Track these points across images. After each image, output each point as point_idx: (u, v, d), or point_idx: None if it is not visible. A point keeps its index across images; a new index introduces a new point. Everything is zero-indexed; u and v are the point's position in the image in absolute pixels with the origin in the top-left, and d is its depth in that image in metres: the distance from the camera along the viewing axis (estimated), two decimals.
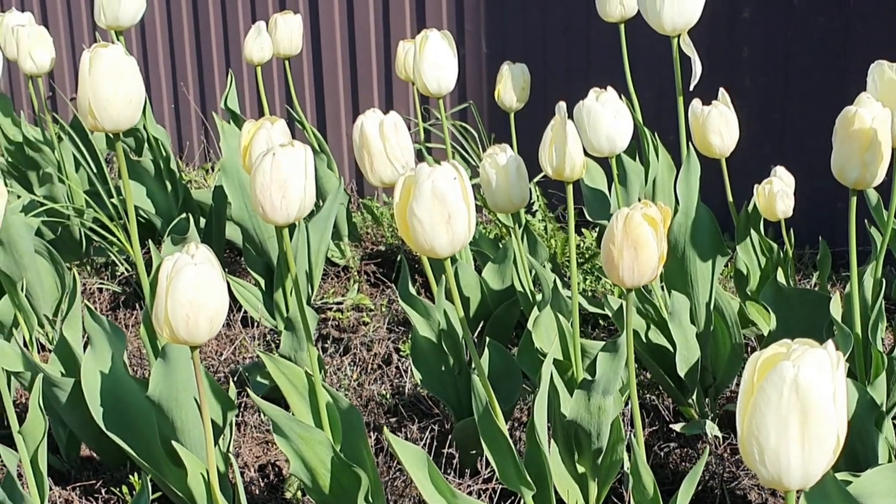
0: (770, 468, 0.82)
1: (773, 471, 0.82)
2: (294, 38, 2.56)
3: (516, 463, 1.47)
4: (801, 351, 0.81)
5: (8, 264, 2.13)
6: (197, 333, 1.21)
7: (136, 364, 2.28)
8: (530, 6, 3.04)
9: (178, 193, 2.66)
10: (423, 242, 1.29)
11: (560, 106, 1.62)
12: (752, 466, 0.84)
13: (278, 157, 1.35)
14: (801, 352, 0.81)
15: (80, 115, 1.44)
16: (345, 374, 2.24)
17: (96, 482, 1.84)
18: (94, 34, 4.05)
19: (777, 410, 0.80)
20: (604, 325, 2.39)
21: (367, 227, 3.07)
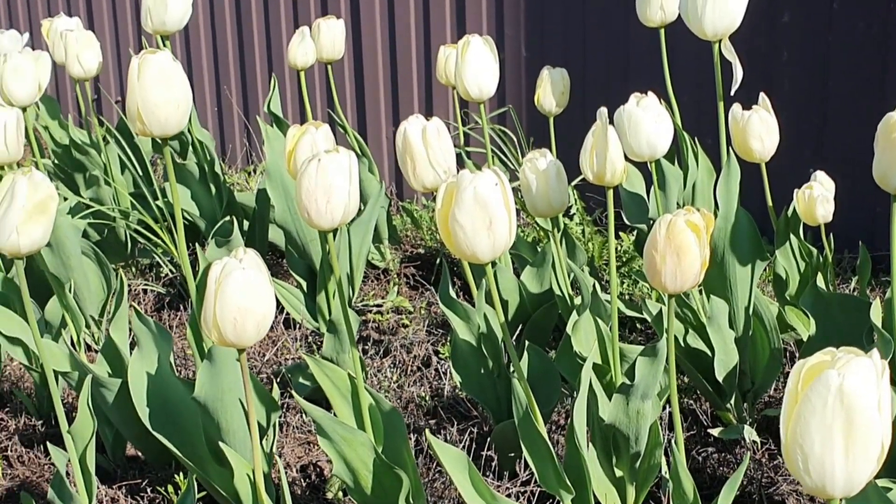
0: (814, 476, 0.83)
1: (816, 479, 0.83)
2: (337, 43, 2.59)
3: (556, 466, 1.48)
4: (846, 359, 0.81)
5: (56, 265, 2.17)
6: (244, 336, 1.23)
7: (181, 365, 2.31)
8: (570, 10, 3.05)
9: (221, 196, 2.69)
10: (464, 248, 1.30)
11: (601, 111, 1.63)
12: (796, 474, 0.84)
13: (324, 162, 1.37)
14: (846, 360, 0.81)
15: (129, 120, 1.46)
16: (385, 375, 2.26)
17: (142, 481, 1.87)
18: (139, 38, 4.11)
19: (822, 419, 0.81)
20: (641, 328, 2.40)
21: (407, 230, 3.09)
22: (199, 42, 3.89)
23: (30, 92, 2.21)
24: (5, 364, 2.30)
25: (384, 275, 2.83)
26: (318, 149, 1.68)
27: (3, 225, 1.32)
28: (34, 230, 1.33)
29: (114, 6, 4.15)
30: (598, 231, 2.90)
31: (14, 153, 1.88)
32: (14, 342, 1.94)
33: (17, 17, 4.49)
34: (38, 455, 1.98)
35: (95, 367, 1.77)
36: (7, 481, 1.92)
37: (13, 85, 2.19)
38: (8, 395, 2.22)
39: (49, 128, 2.86)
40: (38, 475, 1.93)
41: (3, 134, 1.86)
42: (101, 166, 2.78)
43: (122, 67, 4.22)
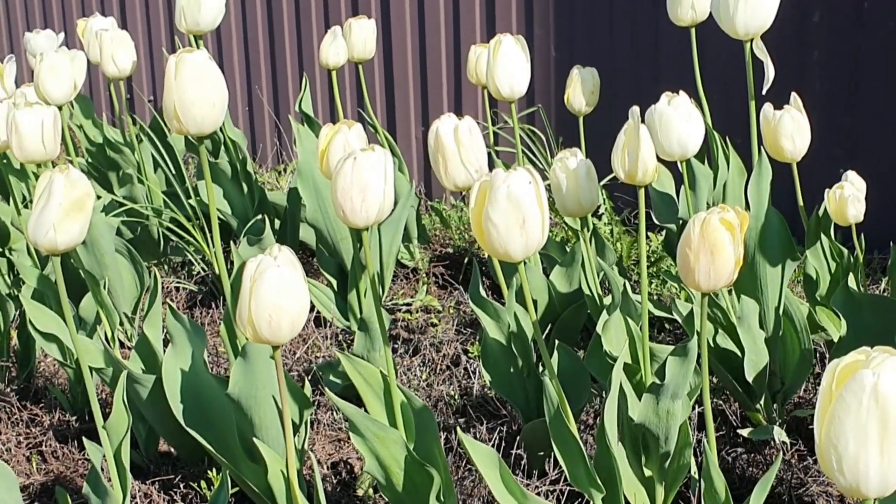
0: (848, 476, 0.83)
1: (850, 479, 0.83)
2: (368, 43, 2.60)
3: (587, 465, 1.49)
4: (880, 359, 0.81)
5: (90, 263, 2.19)
6: (279, 333, 1.24)
7: (212, 362, 2.33)
8: (599, 10, 3.05)
9: (253, 195, 2.71)
10: (497, 246, 1.31)
11: (634, 110, 1.63)
12: (830, 474, 0.85)
13: (359, 160, 1.38)
14: (880, 360, 0.81)
15: (166, 119, 1.47)
16: (414, 374, 2.27)
17: (174, 477, 1.88)
18: (171, 37, 4.14)
19: (856, 418, 0.81)
20: (669, 328, 2.39)
21: (436, 230, 3.10)
22: (231, 42, 3.92)
23: (65, 91, 2.24)
24: (39, 360, 2.33)
25: (413, 274, 2.84)
26: (350, 148, 1.69)
27: (40, 222, 1.34)
28: (71, 227, 1.35)
29: (146, 6, 4.19)
30: (626, 231, 2.90)
31: (51, 151, 1.90)
32: (49, 338, 1.97)
33: (52, 17, 4.54)
34: (73, 450, 2.00)
35: (129, 364, 1.79)
36: (42, 476, 1.95)
37: (49, 84, 2.21)
38: (42, 390, 2.25)
39: (83, 126, 2.89)
40: (73, 470, 1.95)
41: (41, 132, 1.88)
42: (135, 165, 2.81)
43: (155, 67, 4.25)
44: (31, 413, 2.14)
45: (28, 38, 2.83)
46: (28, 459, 2.00)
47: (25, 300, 1.91)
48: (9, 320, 2.23)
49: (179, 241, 2.78)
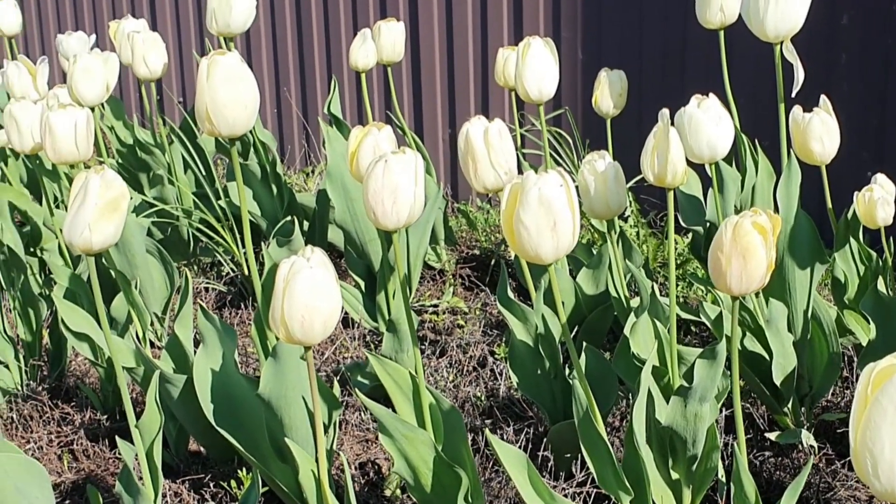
0: (884, 480, 0.83)
1: (886, 483, 0.83)
2: (397, 45, 2.61)
3: (615, 468, 1.49)
4: None
5: (121, 263, 2.21)
6: (311, 334, 1.26)
7: (241, 362, 2.35)
8: (627, 13, 3.05)
9: (283, 196, 2.72)
10: (528, 248, 1.31)
11: (663, 113, 1.63)
12: (864, 478, 0.84)
13: (390, 163, 1.39)
14: None
15: (198, 121, 1.49)
16: (441, 375, 2.28)
17: (204, 476, 1.90)
18: (200, 39, 4.17)
19: (892, 423, 0.81)
20: (695, 331, 2.39)
21: (462, 231, 3.10)
22: (260, 44, 3.94)
23: (98, 92, 2.26)
24: (70, 359, 2.35)
25: (440, 275, 2.85)
26: (380, 150, 1.70)
27: (75, 222, 1.36)
28: (106, 227, 1.37)
29: (176, 8, 4.22)
30: (652, 233, 2.90)
31: (84, 152, 1.92)
32: (81, 338, 1.99)
33: (83, 19, 4.57)
34: (103, 449, 2.02)
35: (160, 364, 1.80)
36: (73, 474, 1.97)
37: (82, 85, 2.23)
38: (73, 389, 2.27)
39: (114, 128, 2.91)
40: (103, 469, 1.97)
41: (74, 134, 1.90)
42: (165, 166, 2.83)
43: (185, 68, 4.28)
44: (63, 412, 2.16)
45: (60, 39, 2.85)
46: (59, 458, 2.02)
47: (58, 300, 1.93)
48: (41, 320, 2.25)
49: (209, 241, 2.80)
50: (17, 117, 2.05)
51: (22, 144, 2.08)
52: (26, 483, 1.58)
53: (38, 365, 2.28)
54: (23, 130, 2.06)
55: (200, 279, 2.79)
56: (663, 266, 2.75)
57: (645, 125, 2.86)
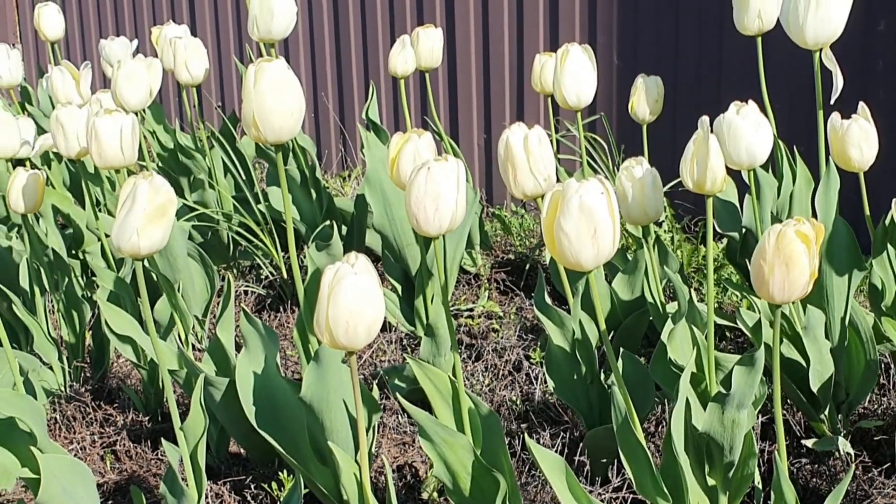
0: None
1: None
2: (435, 52, 2.62)
3: (653, 474, 1.50)
4: None
5: (164, 267, 2.24)
6: (355, 340, 1.27)
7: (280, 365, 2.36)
8: (662, 19, 3.05)
9: (322, 201, 2.74)
10: (568, 255, 1.33)
11: (703, 120, 1.63)
12: None
13: (433, 170, 1.40)
14: None
15: (245, 127, 1.51)
16: (477, 379, 2.29)
17: (245, 478, 1.92)
18: (239, 44, 4.20)
19: None
20: (730, 337, 2.39)
21: (497, 236, 3.12)
22: (298, 50, 3.97)
23: (142, 97, 2.29)
24: (112, 361, 2.38)
25: (475, 280, 2.86)
26: (420, 156, 1.72)
27: (124, 227, 1.38)
28: (154, 232, 1.39)
29: (216, 13, 4.25)
30: (686, 238, 2.90)
31: (129, 157, 1.95)
32: (124, 340, 2.01)
33: (124, 25, 4.62)
34: (145, 450, 2.05)
35: (202, 366, 1.83)
36: (115, 475, 1.99)
37: (126, 90, 2.26)
38: (116, 391, 2.30)
39: (156, 132, 2.95)
40: (146, 470, 2.00)
41: (119, 139, 1.93)
42: (206, 170, 2.85)
43: (223, 72, 4.32)
44: (106, 413, 2.18)
45: (103, 45, 2.89)
46: (102, 458, 2.05)
47: (102, 302, 1.95)
48: (84, 322, 2.28)
49: (248, 245, 2.83)
50: (64, 123, 2.08)
51: (68, 149, 2.11)
52: (72, 483, 1.61)
53: (81, 366, 2.32)
54: (69, 135, 2.09)
55: (240, 282, 2.82)
56: (697, 271, 2.75)
57: (679, 130, 2.86)
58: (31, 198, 2.04)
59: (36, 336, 2.22)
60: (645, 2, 3.08)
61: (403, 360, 2.40)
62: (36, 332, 2.22)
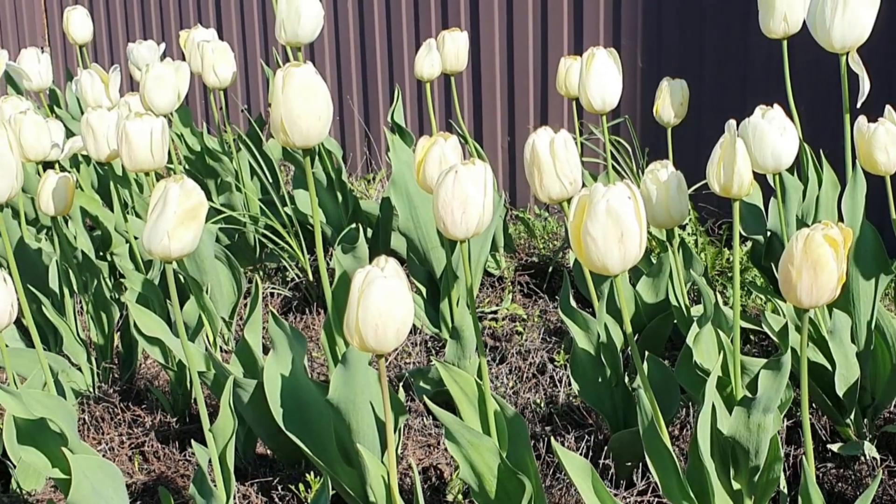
0: None
1: None
2: (460, 55, 2.63)
3: (679, 478, 1.50)
4: None
5: (191, 269, 2.25)
6: (385, 342, 1.28)
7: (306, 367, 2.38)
8: (687, 22, 3.05)
9: (347, 204, 2.76)
10: (595, 259, 1.33)
11: (730, 124, 1.63)
12: None
13: (460, 174, 1.41)
14: None
15: (273, 131, 1.52)
16: (501, 381, 2.29)
17: (272, 479, 1.93)
18: (265, 48, 4.22)
19: None
20: (755, 340, 2.39)
21: (521, 239, 3.12)
22: (324, 53, 3.98)
23: (170, 100, 2.31)
24: (140, 362, 2.40)
25: (499, 282, 2.87)
26: (446, 160, 1.72)
27: (155, 230, 1.40)
28: (185, 235, 1.40)
29: (242, 17, 4.28)
30: (710, 242, 2.89)
31: (159, 160, 1.97)
32: (152, 342, 2.03)
33: (151, 28, 4.65)
34: (173, 451, 2.06)
35: (230, 368, 1.84)
36: (144, 475, 2.01)
37: (154, 93, 2.28)
38: (144, 392, 2.32)
39: (183, 135, 2.97)
40: (173, 470, 2.01)
41: (149, 141, 1.95)
42: (233, 173, 2.87)
43: (249, 75, 4.34)
44: (134, 414, 2.20)
45: (131, 48, 2.91)
46: (130, 459, 2.06)
47: (131, 304, 1.97)
48: (113, 323, 2.30)
49: (274, 247, 2.84)
50: (94, 126, 2.10)
51: (98, 152, 2.13)
52: (102, 484, 1.62)
53: (110, 367, 2.34)
54: (99, 138, 2.11)
55: (266, 284, 2.83)
56: (721, 274, 2.74)
57: (704, 133, 2.85)
58: (62, 200, 2.06)
59: (65, 337, 2.24)
60: (669, 5, 3.08)
61: (428, 362, 2.41)
62: (65, 334, 2.24)
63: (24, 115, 2.22)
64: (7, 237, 1.67)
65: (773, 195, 2.15)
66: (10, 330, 2.26)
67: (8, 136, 1.55)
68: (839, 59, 1.90)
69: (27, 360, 2.08)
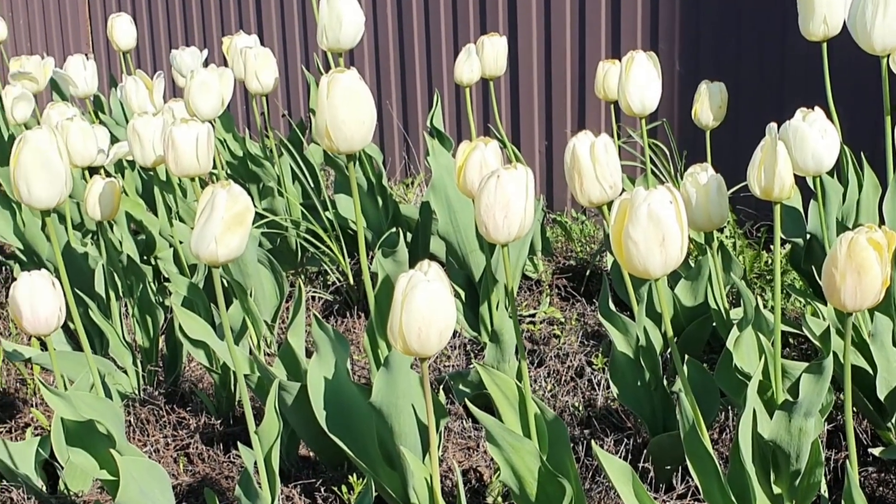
0: None
1: None
2: (499, 60, 2.64)
3: (721, 482, 1.50)
4: None
5: (235, 273, 2.28)
6: (428, 346, 1.30)
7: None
8: (724, 25, 3.04)
9: (388, 208, 2.78)
10: (636, 263, 1.34)
11: (771, 127, 1.63)
12: None
13: (503, 179, 1.43)
14: None
15: (317, 137, 1.54)
16: (539, 385, 2.30)
17: (315, 481, 1.95)
18: (305, 54, 4.25)
19: None
20: (794, 343, 2.38)
21: (558, 242, 3.13)
22: (363, 59, 4.01)
23: (214, 106, 2.33)
24: (184, 365, 2.43)
25: (536, 286, 2.87)
26: (487, 164, 1.74)
27: (202, 235, 1.42)
28: (231, 240, 1.42)
29: (283, 23, 4.31)
30: (749, 244, 2.89)
31: (204, 165, 2.00)
32: (197, 344, 2.05)
33: (193, 35, 4.70)
34: (217, 453, 2.09)
35: (274, 371, 1.86)
36: (189, 477, 2.03)
37: (199, 99, 2.31)
38: (188, 394, 2.34)
39: (226, 141, 3.00)
40: (218, 472, 2.03)
41: (195, 147, 1.98)
42: (275, 178, 2.90)
43: (290, 81, 4.37)
44: (179, 416, 2.23)
45: (174, 54, 2.95)
46: (175, 461, 2.09)
47: (177, 307, 2.00)
48: (158, 326, 2.33)
49: (315, 251, 2.87)
50: (140, 132, 2.13)
51: (144, 158, 2.16)
52: (149, 486, 1.65)
53: (154, 370, 2.37)
54: (145, 144, 2.15)
55: (307, 288, 2.86)
56: (759, 277, 2.74)
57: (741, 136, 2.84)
58: (108, 205, 2.10)
59: (111, 340, 2.28)
60: (706, 8, 3.08)
61: (467, 365, 2.43)
62: (111, 337, 2.27)
63: (71, 122, 2.26)
64: (57, 242, 1.70)
65: (812, 198, 2.14)
66: (55, 333, 2.29)
67: (57, 142, 1.58)
68: (879, 61, 1.89)
69: (73, 363, 2.12)
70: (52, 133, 1.59)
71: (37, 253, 2.75)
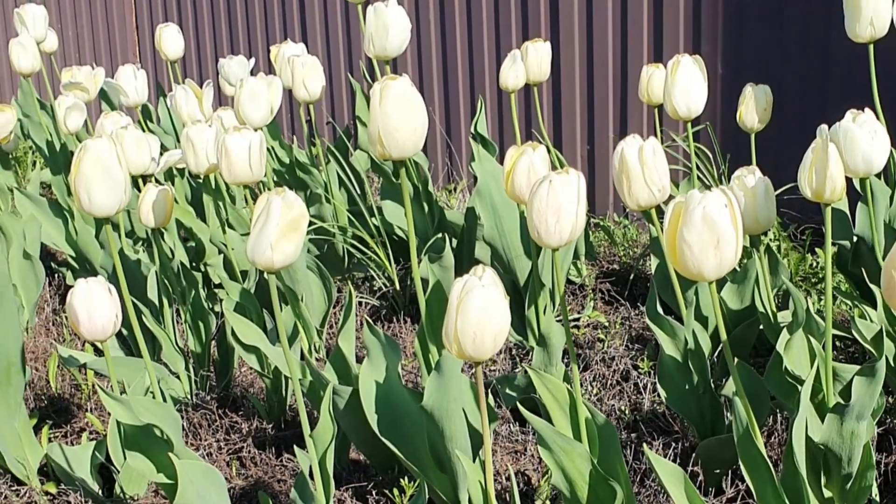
0: None
1: None
2: (543, 65, 2.66)
3: (775, 486, 1.50)
4: None
5: (286, 279, 2.31)
6: (482, 350, 1.31)
7: None
8: (767, 28, 3.04)
9: (433, 214, 2.80)
10: (690, 266, 1.35)
11: (822, 129, 1.63)
12: None
13: (555, 183, 1.44)
14: None
15: (370, 144, 1.56)
16: (585, 389, 2.31)
17: (367, 484, 1.96)
18: (349, 61, 4.28)
19: None
20: (841, 346, 2.37)
21: (601, 246, 3.13)
22: (406, 65, 4.03)
23: (263, 114, 2.36)
24: (236, 370, 2.45)
25: (580, 290, 2.88)
26: (535, 169, 1.75)
27: (259, 241, 1.44)
28: (286, 246, 1.44)
29: (326, 30, 4.34)
30: (794, 247, 2.88)
31: (257, 173, 2.02)
32: (249, 349, 2.08)
33: (239, 44, 4.74)
34: (270, 456, 2.11)
35: (325, 375, 1.89)
36: (241, 481, 2.06)
37: (248, 108, 2.34)
38: (240, 399, 2.37)
39: (273, 148, 3.03)
40: (270, 476, 2.06)
41: (248, 155, 2.00)
42: (323, 185, 2.92)
43: (334, 88, 4.40)
44: (231, 420, 2.25)
45: (222, 63, 2.98)
46: (228, 465, 2.11)
47: (229, 313, 2.02)
48: (210, 332, 2.36)
49: (362, 257, 2.89)
50: (194, 140, 2.16)
51: (197, 165, 2.19)
52: (206, 489, 1.68)
53: (207, 375, 2.39)
54: (198, 152, 2.18)
55: (354, 293, 2.88)
56: (804, 280, 2.73)
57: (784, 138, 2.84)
58: (161, 213, 2.13)
59: (164, 346, 2.31)
60: (749, 10, 3.07)
61: (512, 369, 2.44)
62: (164, 343, 2.31)
63: (125, 130, 2.29)
64: (115, 249, 1.73)
65: (857, 200, 2.14)
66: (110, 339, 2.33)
67: (116, 151, 1.61)
68: None
69: (128, 369, 2.15)
70: (112, 142, 1.62)
71: (89, 260, 2.80)
